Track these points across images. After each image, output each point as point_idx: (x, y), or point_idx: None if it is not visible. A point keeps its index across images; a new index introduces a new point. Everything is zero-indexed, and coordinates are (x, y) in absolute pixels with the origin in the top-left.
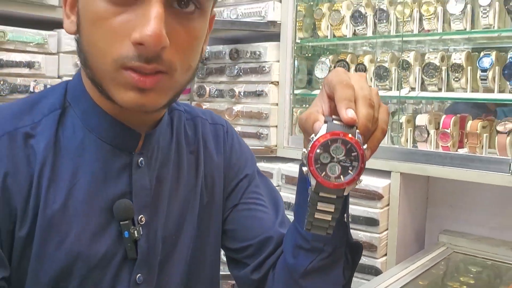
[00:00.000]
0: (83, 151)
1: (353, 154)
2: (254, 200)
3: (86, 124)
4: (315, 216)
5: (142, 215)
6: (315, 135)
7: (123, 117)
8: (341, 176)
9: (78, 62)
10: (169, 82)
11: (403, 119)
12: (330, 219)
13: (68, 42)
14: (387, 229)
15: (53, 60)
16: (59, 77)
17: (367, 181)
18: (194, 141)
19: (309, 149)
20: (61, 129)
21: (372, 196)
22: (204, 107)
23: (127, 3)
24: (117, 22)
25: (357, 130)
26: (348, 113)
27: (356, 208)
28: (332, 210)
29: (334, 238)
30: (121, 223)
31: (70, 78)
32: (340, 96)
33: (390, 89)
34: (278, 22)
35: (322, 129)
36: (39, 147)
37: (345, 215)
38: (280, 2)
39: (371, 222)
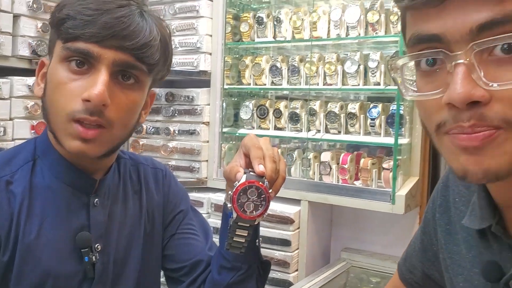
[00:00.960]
0: (51, 193)
1: (262, 196)
2: (188, 230)
3: (53, 172)
4: (234, 239)
5: (98, 244)
6: (238, 182)
7: (82, 166)
8: (254, 211)
9: (29, 106)
10: (107, 136)
11: (311, 155)
12: (244, 241)
13: (19, 88)
14: (298, 248)
15: (5, 104)
16: (10, 119)
17: (281, 208)
18: (137, 183)
19: (233, 191)
20: (33, 176)
21: (285, 220)
22: (141, 143)
23: (82, 73)
24: (73, 85)
25: (265, 179)
26: (260, 168)
27: (272, 231)
28: (246, 235)
29: (249, 258)
30: (82, 250)
31: (20, 120)
32: (254, 155)
33: (301, 130)
34: (208, 71)
35: (242, 178)
36: (17, 192)
37: (256, 240)
38: (210, 54)
39: (285, 242)
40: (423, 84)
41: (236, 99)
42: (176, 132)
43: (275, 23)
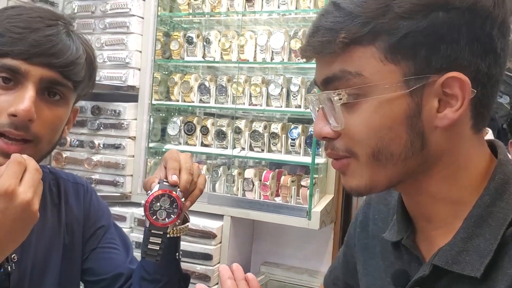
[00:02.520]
0: None
1: (174, 204)
2: (109, 244)
3: None
4: (148, 247)
5: (14, 254)
6: (151, 191)
7: None
8: (166, 219)
9: None
10: (33, 150)
11: (235, 172)
12: (158, 248)
13: None
14: (219, 262)
15: None
16: None
17: (204, 223)
18: (57, 197)
19: (146, 199)
20: None
21: (208, 235)
22: (64, 155)
23: (8, 88)
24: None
25: (179, 189)
26: (172, 177)
27: (194, 246)
28: (160, 242)
29: (169, 271)
30: None
31: None
32: (169, 166)
33: (226, 147)
34: (137, 86)
35: (155, 187)
36: None
37: (177, 254)
38: (139, 70)
39: (207, 256)
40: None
41: (164, 114)
42: (101, 145)
43: (205, 43)
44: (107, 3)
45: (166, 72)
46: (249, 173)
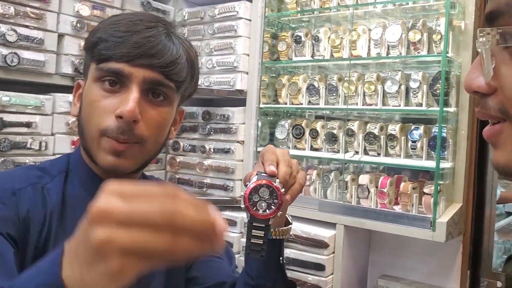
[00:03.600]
0: (81, 205)
1: (274, 195)
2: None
3: (83, 185)
4: (251, 241)
5: None
6: (249, 182)
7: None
8: (267, 210)
9: (70, 122)
10: (138, 151)
11: (348, 178)
12: (262, 242)
13: (62, 104)
14: (332, 273)
15: (47, 120)
16: (52, 134)
17: (316, 231)
18: None
19: (245, 191)
20: (66, 187)
21: (320, 244)
22: (178, 160)
23: (114, 91)
24: (106, 103)
25: (278, 180)
26: (270, 167)
27: (305, 254)
28: (262, 235)
29: (272, 276)
30: None
31: (61, 135)
32: (266, 158)
33: (338, 151)
34: (244, 90)
35: (253, 178)
36: (52, 198)
37: (280, 258)
38: (247, 73)
39: (319, 267)
40: None
41: (272, 118)
42: (212, 150)
43: (314, 41)
44: (215, 7)
45: (274, 75)
46: (364, 179)
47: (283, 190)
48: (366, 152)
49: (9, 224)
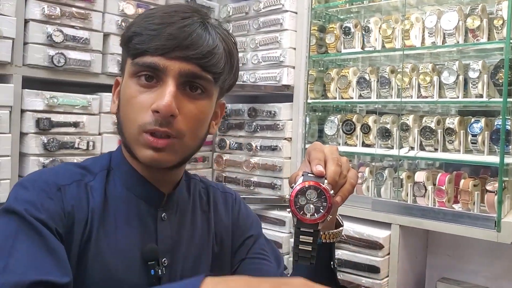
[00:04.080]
0: (122, 203)
1: (322, 197)
2: (259, 255)
3: (125, 183)
4: (299, 247)
5: (165, 258)
6: (295, 184)
7: (151, 178)
8: (315, 214)
9: (116, 121)
10: (177, 145)
11: (403, 175)
12: (310, 249)
13: (108, 104)
14: (387, 276)
15: (95, 119)
16: (99, 134)
17: (369, 232)
18: (207, 204)
19: (291, 193)
20: (108, 185)
21: (374, 245)
22: (224, 158)
23: (151, 86)
24: (143, 98)
25: (326, 181)
26: (317, 168)
27: (359, 256)
28: (311, 242)
29: (323, 281)
30: (148, 263)
31: (109, 135)
32: (313, 157)
33: (392, 147)
34: (291, 85)
35: (299, 180)
36: (94, 195)
37: (331, 263)
38: (294, 68)
39: (373, 269)
40: None
41: (320, 114)
42: (258, 147)
43: (364, 32)
44: (260, 1)
45: (322, 68)
46: (420, 176)
47: (332, 192)
48: (422, 148)
49: (56, 219)
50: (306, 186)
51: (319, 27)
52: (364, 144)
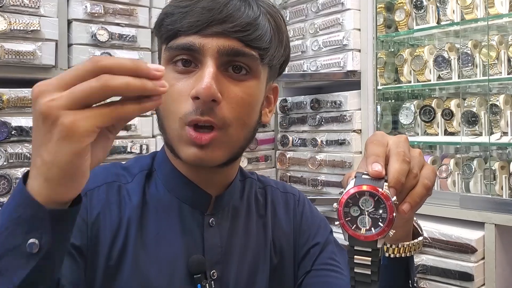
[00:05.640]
0: (164, 207)
1: (381, 206)
2: (328, 266)
3: (167, 185)
4: (355, 270)
5: (214, 270)
6: (345, 189)
7: (197, 179)
8: (372, 228)
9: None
10: (224, 138)
11: (496, 165)
12: (369, 273)
13: None
14: (483, 284)
15: (147, 121)
16: (153, 136)
17: (459, 233)
18: (263, 207)
19: (339, 201)
20: (147, 187)
21: (465, 249)
22: (288, 156)
23: (189, 71)
24: (181, 85)
25: (387, 184)
26: (373, 167)
27: (447, 261)
28: (369, 264)
29: None
30: (194, 276)
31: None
32: (369, 152)
33: (480, 134)
34: (358, 71)
35: (350, 183)
36: (131, 199)
37: (409, 281)
38: (359, 51)
39: (465, 276)
40: None
41: (393, 101)
42: (324, 143)
43: (438, 4)
44: None
45: (392, 50)
46: None
47: (394, 198)
48: None
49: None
50: (359, 192)
51: (386, 4)
52: (447, 132)
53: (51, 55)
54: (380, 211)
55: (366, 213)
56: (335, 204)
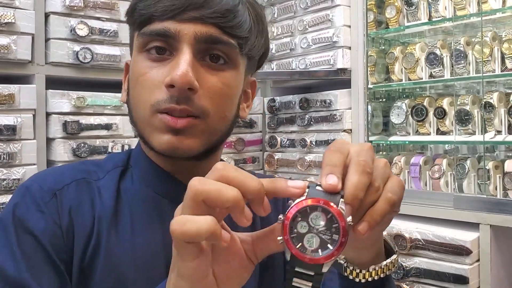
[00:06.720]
0: (141, 202)
1: (334, 225)
2: None
3: (144, 180)
4: None
5: None
6: (293, 201)
7: (176, 172)
8: (319, 250)
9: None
10: (201, 125)
11: (490, 165)
12: None
13: None
14: (479, 287)
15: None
16: (135, 136)
17: (452, 234)
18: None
19: (285, 215)
20: (122, 182)
21: (459, 250)
22: (276, 157)
23: (163, 59)
24: (155, 73)
25: (342, 199)
26: (327, 179)
27: (441, 264)
28: None
29: None
30: None
31: None
32: (325, 161)
33: (474, 133)
34: (348, 69)
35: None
36: (103, 195)
37: None
38: (350, 49)
39: (460, 279)
40: None
41: (384, 100)
42: (314, 143)
43: (430, 1)
44: None
45: (383, 47)
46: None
47: (349, 219)
48: (511, 131)
49: (47, 236)
50: (310, 206)
51: (377, 0)
52: (439, 132)
53: (27, 49)
54: (332, 231)
55: (316, 231)
56: (280, 216)
